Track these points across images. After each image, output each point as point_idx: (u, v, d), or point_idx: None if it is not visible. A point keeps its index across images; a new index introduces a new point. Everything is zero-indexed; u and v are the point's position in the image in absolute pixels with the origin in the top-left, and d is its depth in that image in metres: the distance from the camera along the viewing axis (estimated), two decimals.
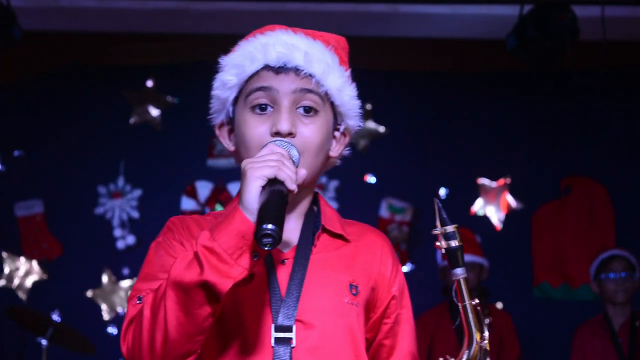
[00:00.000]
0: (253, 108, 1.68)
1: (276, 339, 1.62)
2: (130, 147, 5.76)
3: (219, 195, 5.68)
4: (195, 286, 1.48)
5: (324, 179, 5.71)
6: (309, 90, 1.68)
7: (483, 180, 5.76)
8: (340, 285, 1.70)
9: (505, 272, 5.39)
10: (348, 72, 1.76)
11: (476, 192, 5.76)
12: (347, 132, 1.79)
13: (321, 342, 1.64)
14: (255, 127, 1.67)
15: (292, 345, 1.62)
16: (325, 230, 1.75)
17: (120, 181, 5.72)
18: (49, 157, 5.73)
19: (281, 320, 1.63)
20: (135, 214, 5.70)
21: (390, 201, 5.71)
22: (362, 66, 6.35)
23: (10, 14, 4.49)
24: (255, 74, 1.69)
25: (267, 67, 1.68)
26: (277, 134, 1.64)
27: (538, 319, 5.54)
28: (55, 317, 5.20)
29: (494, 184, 5.76)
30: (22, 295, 5.65)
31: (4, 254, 5.68)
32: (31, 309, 5.09)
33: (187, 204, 5.68)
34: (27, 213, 5.70)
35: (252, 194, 1.50)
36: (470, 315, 1.65)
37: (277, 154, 1.56)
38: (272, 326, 1.63)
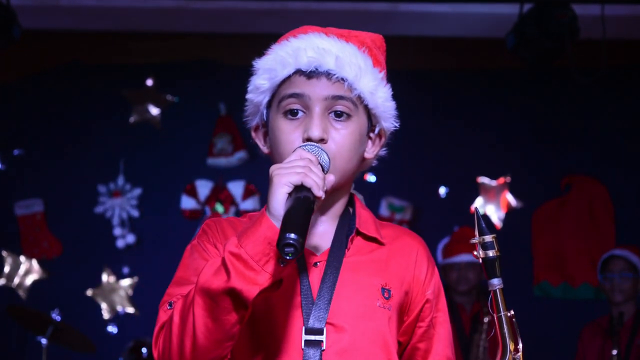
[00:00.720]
0: (285, 113, 1.68)
1: (306, 341, 1.62)
2: (130, 146, 5.76)
3: (219, 194, 5.68)
4: (222, 293, 1.48)
5: None
6: (341, 97, 1.67)
7: (483, 179, 5.76)
8: (372, 288, 1.69)
9: (505, 271, 5.37)
10: (382, 74, 1.76)
11: (476, 190, 5.76)
12: (382, 133, 1.80)
13: (351, 345, 1.64)
14: (288, 133, 1.67)
15: (322, 348, 1.62)
16: (359, 233, 1.75)
17: (120, 180, 5.72)
18: (49, 156, 5.73)
19: (312, 322, 1.63)
20: (135, 213, 5.70)
21: (390, 200, 5.71)
22: None
23: (10, 13, 4.49)
24: (287, 78, 1.68)
25: (298, 72, 1.67)
26: (308, 140, 1.64)
27: (538, 318, 5.53)
28: (55, 316, 5.20)
29: (493, 183, 5.76)
30: (22, 294, 5.66)
31: (4, 253, 5.68)
32: (31, 308, 5.10)
33: (187, 202, 5.69)
34: (27, 212, 5.70)
35: (279, 200, 1.50)
36: (505, 326, 1.64)
37: (305, 159, 1.55)
38: (303, 329, 1.63)
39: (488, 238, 1.66)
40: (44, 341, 4.65)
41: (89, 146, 5.74)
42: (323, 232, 1.72)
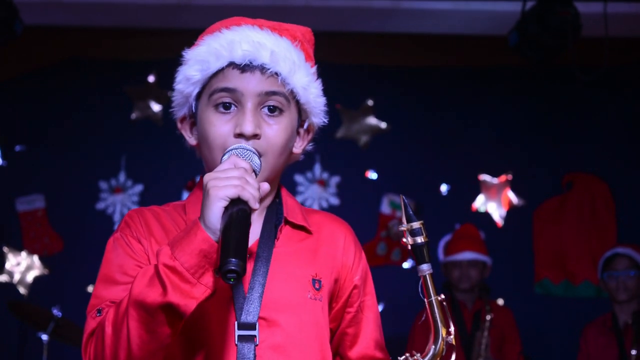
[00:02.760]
0: (217, 106, 1.66)
1: (239, 336, 1.60)
2: (131, 142, 5.76)
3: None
4: (158, 307, 1.46)
5: (325, 175, 5.71)
6: (274, 92, 1.65)
7: (484, 177, 5.76)
8: (303, 280, 1.69)
9: (507, 269, 5.39)
10: (314, 69, 1.74)
11: (477, 188, 5.76)
12: (311, 128, 1.78)
13: (285, 340, 1.63)
14: (219, 127, 1.65)
15: (255, 343, 1.61)
16: (287, 222, 1.74)
17: (122, 176, 5.72)
18: (50, 152, 5.73)
19: (244, 317, 1.61)
20: None
21: (391, 197, 5.71)
22: (364, 62, 6.38)
23: (12, 9, 4.49)
24: (220, 71, 1.66)
25: (232, 65, 1.65)
26: (240, 135, 1.63)
27: (539, 315, 5.54)
28: (56, 312, 5.18)
29: (495, 180, 5.76)
30: (23, 290, 5.66)
31: (6, 249, 5.68)
32: (32, 304, 5.09)
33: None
34: (28, 208, 5.70)
35: (215, 214, 1.47)
36: (436, 310, 1.64)
37: (240, 169, 1.52)
38: (236, 324, 1.61)
39: (416, 225, 1.67)
40: (45, 337, 4.64)
41: (90, 142, 5.73)
42: (251, 222, 1.70)
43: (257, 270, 1.65)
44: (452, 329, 1.64)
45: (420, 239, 1.66)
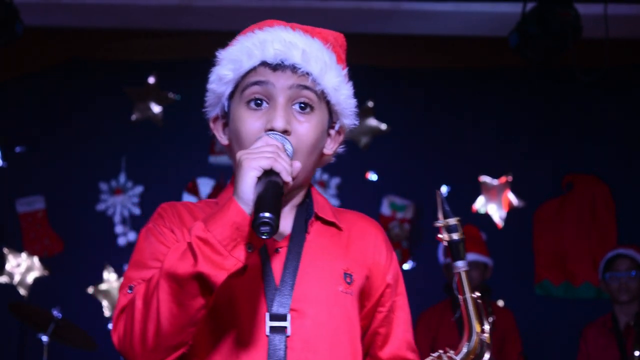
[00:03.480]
0: (248, 103, 1.67)
1: (271, 327, 1.61)
2: (131, 143, 5.76)
3: (220, 192, 5.68)
4: (189, 277, 1.47)
5: (325, 176, 5.71)
6: (305, 87, 1.66)
7: (485, 178, 5.76)
8: (334, 273, 1.69)
9: (507, 270, 5.39)
10: (345, 71, 1.76)
11: (478, 189, 5.76)
12: (342, 130, 1.78)
13: (316, 331, 1.63)
14: (250, 123, 1.66)
15: (287, 334, 1.61)
16: (318, 218, 1.75)
17: (122, 177, 5.72)
18: (50, 153, 5.73)
19: (276, 308, 1.62)
20: (137, 211, 5.70)
21: (391, 199, 5.71)
22: (364, 63, 6.38)
23: (12, 10, 4.49)
24: (252, 69, 1.67)
25: (264, 64, 1.66)
26: (271, 130, 1.63)
27: (539, 317, 5.53)
28: (57, 313, 5.18)
29: (495, 182, 5.76)
30: (23, 291, 5.66)
31: (6, 250, 5.68)
32: (32, 305, 5.09)
33: (188, 200, 5.68)
34: (28, 209, 5.70)
35: (248, 184, 1.50)
36: (470, 307, 1.65)
37: (272, 145, 1.55)
38: (267, 315, 1.62)
39: (452, 221, 1.66)
40: (45, 338, 4.64)
41: (90, 143, 5.74)
42: (282, 219, 1.67)
43: (289, 263, 1.66)
44: (486, 326, 1.64)
45: (456, 236, 1.65)
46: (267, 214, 1.43)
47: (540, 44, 4.55)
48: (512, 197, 5.74)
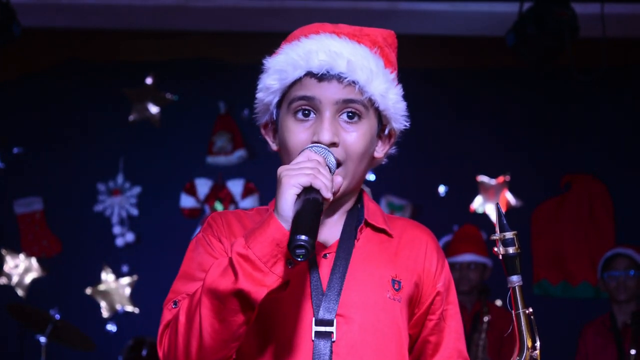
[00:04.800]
0: (295, 114, 1.67)
1: (317, 332, 1.61)
2: (129, 144, 5.76)
3: (218, 193, 5.68)
4: (230, 294, 1.48)
5: None
6: (352, 100, 1.66)
7: (482, 178, 5.76)
8: (382, 280, 1.69)
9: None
10: (394, 75, 1.76)
11: (475, 189, 5.76)
12: (392, 133, 1.80)
13: (362, 337, 1.63)
14: (298, 134, 1.66)
15: (332, 340, 1.61)
16: (368, 224, 1.75)
17: (120, 178, 5.72)
18: (48, 154, 5.73)
19: (322, 314, 1.62)
20: (135, 211, 5.70)
21: (389, 199, 5.71)
22: None
23: (10, 11, 4.48)
24: (298, 80, 1.67)
25: (309, 74, 1.66)
26: (318, 143, 1.64)
27: (537, 316, 5.51)
28: (55, 314, 5.20)
29: (493, 182, 5.76)
30: (21, 292, 5.66)
31: (4, 251, 5.68)
32: (30, 306, 5.09)
33: (186, 201, 5.68)
34: (26, 210, 5.70)
35: (288, 201, 1.49)
36: (523, 323, 1.64)
37: (313, 161, 1.54)
38: (313, 320, 1.62)
39: (509, 235, 1.67)
40: (43, 339, 4.65)
41: (88, 144, 5.73)
42: (332, 224, 1.72)
43: (336, 268, 1.66)
44: (538, 343, 1.63)
45: (512, 250, 1.66)
46: (302, 237, 1.42)
47: (538, 44, 4.56)
48: (510, 197, 5.74)
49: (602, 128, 5.79)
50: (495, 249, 1.67)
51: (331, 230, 1.71)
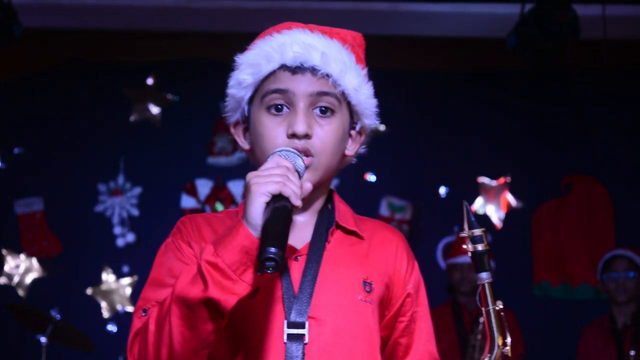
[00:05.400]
0: (269, 108, 1.67)
1: (289, 335, 1.61)
2: (130, 144, 5.76)
3: (219, 193, 5.68)
4: (199, 303, 1.48)
5: None
6: (325, 93, 1.66)
7: (483, 179, 5.76)
8: (353, 282, 1.68)
9: (505, 271, 5.38)
10: (365, 71, 1.76)
11: (476, 190, 5.75)
12: (363, 131, 1.79)
13: (334, 339, 1.63)
14: (272, 128, 1.66)
15: (305, 342, 1.61)
16: (339, 226, 1.74)
17: (120, 179, 5.72)
18: (48, 154, 5.73)
19: (294, 316, 1.62)
20: (135, 212, 5.70)
21: (390, 200, 5.71)
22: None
23: (11, 11, 4.49)
24: (272, 73, 1.67)
25: (283, 67, 1.66)
26: (293, 135, 1.64)
27: (538, 318, 5.53)
28: (55, 314, 5.18)
29: (494, 183, 5.76)
30: (21, 292, 5.65)
31: (4, 251, 5.68)
32: (31, 307, 5.09)
33: (187, 201, 5.68)
34: (26, 210, 5.70)
35: (257, 210, 1.49)
36: (493, 319, 1.64)
37: (282, 167, 1.54)
38: (285, 322, 1.62)
39: (477, 232, 1.66)
40: (43, 340, 4.64)
41: (89, 145, 5.73)
42: (303, 226, 1.72)
43: (308, 271, 1.66)
44: (508, 339, 1.63)
45: (481, 247, 1.66)
46: (272, 249, 1.42)
47: (539, 45, 4.56)
48: (510, 198, 5.74)
49: (602, 129, 5.79)
50: (464, 247, 1.67)
51: (302, 232, 1.71)
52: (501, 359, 1.63)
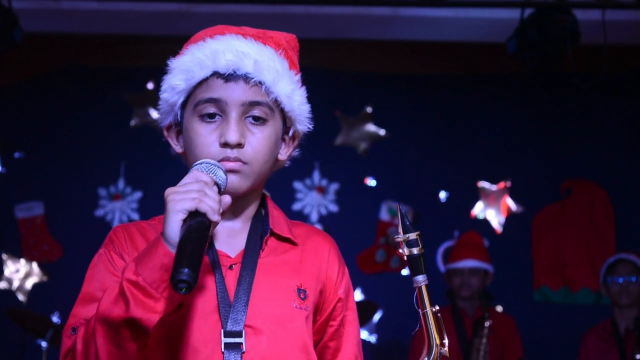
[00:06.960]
0: (202, 116, 1.67)
1: (226, 344, 1.61)
2: (130, 149, 5.76)
3: None
4: (122, 322, 1.47)
5: (324, 182, 5.71)
6: (258, 103, 1.66)
7: (483, 184, 5.76)
8: (288, 289, 1.70)
9: (506, 276, 5.39)
10: (298, 77, 1.75)
11: (476, 195, 5.76)
12: (296, 135, 1.79)
13: (271, 347, 1.64)
14: (204, 136, 1.66)
15: (242, 351, 1.61)
16: (273, 233, 1.75)
17: (121, 183, 5.73)
18: (49, 158, 5.74)
19: (230, 325, 1.62)
20: (136, 216, 5.70)
21: (390, 204, 5.71)
22: (363, 69, 6.37)
23: (12, 16, 4.49)
24: (204, 80, 1.67)
25: (216, 74, 1.66)
26: (225, 144, 1.64)
27: (538, 322, 5.53)
28: (55, 319, 5.19)
29: (494, 187, 5.76)
30: (22, 297, 5.65)
31: (4, 256, 5.68)
32: (31, 311, 5.09)
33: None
34: (27, 215, 5.70)
35: (174, 228, 1.49)
36: (430, 322, 1.66)
37: (200, 182, 1.53)
38: (222, 332, 1.61)
39: (412, 236, 1.67)
40: (44, 344, 4.64)
41: (89, 149, 5.74)
42: (237, 233, 1.72)
43: (243, 279, 1.66)
44: (446, 340, 1.66)
45: (416, 250, 1.67)
46: (184, 270, 1.39)
47: (539, 50, 4.57)
48: (510, 203, 5.74)
49: (602, 134, 5.80)
50: (400, 250, 1.68)
51: (236, 239, 1.71)
52: (440, 359, 1.65)
